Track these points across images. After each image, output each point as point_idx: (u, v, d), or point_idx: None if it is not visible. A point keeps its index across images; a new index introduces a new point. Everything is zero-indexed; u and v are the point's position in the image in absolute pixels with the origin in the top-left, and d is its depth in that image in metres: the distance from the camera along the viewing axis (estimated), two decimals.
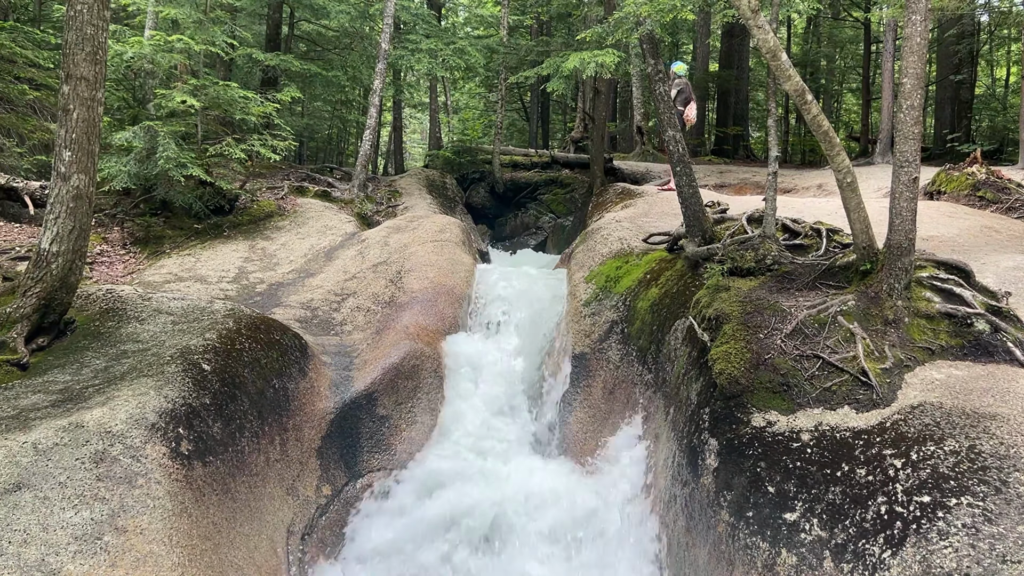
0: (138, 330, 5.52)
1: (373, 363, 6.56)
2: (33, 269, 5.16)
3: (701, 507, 4.48)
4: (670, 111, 7.17)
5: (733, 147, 21.39)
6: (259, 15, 16.14)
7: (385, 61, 13.06)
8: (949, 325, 4.58)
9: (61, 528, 3.57)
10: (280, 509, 5.22)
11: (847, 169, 5.14)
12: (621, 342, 7.00)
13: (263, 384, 5.48)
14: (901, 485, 3.48)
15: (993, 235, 7.51)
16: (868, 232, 5.16)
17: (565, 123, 27.33)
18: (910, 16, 4.70)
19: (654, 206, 10.30)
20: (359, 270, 8.50)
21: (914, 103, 4.70)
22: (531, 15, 21.60)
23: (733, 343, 4.88)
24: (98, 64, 5.14)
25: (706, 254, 6.57)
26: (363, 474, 6.13)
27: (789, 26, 24.26)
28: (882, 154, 15.71)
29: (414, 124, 35.02)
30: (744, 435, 4.35)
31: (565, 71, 11.35)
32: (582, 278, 8.11)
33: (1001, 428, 3.59)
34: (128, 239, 9.10)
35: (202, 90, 9.45)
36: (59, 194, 5.11)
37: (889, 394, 4.17)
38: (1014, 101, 20.77)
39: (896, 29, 16.30)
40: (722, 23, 20.56)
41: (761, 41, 5.18)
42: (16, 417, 4.22)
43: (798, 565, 3.61)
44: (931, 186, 10.49)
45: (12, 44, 9.25)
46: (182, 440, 4.44)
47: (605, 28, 7.82)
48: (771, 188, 6.22)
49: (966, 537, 3.07)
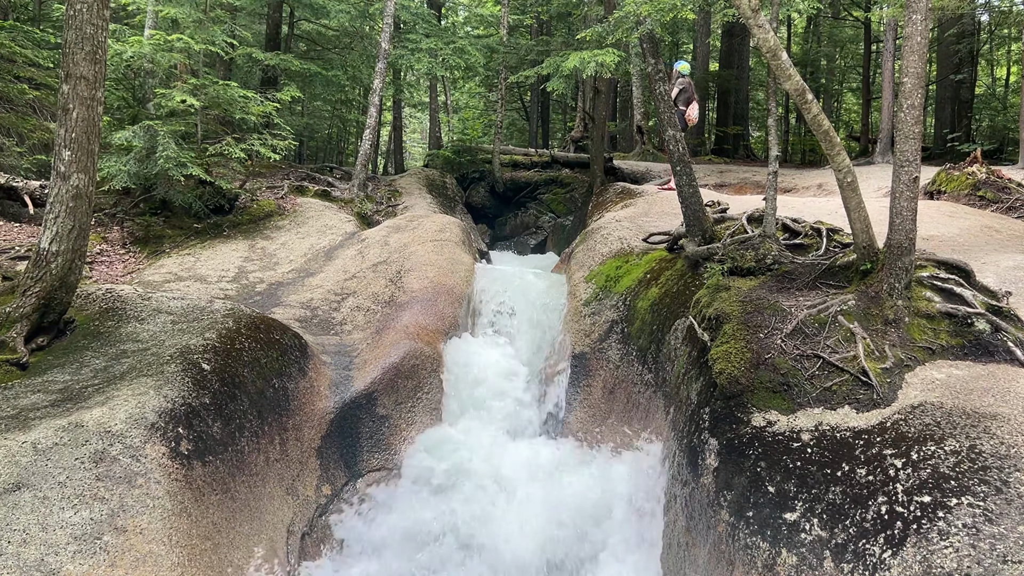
0: (138, 330, 5.52)
1: (373, 363, 6.56)
2: (33, 268, 5.16)
3: (701, 507, 4.47)
4: (670, 110, 7.16)
5: (733, 147, 21.39)
6: (259, 14, 16.12)
7: (385, 60, 13.05)
8: (950, 325, 4.57)
9: (60, 528, 3.57)
10: (280, 509, 5.21)
11: (847, 168, 5.14)
12: (621, 342, 7.00)
13: (263, 384, 5.47)
14: (901, 485, 3.47)
15: (993, 235, 7.51)
16: (868, 232, 5.15)
17: (565, 123, 27.32)
18: (910, 15, 4.69)
19: (654, 206, 10.29)
20: (359, 270, 8.50)
21: (914, 102, 4.69)
22: (531, 14, 21.59)
23: (733, 343, 4.88)
24: (98, 63, 5.13)
25: (706, 254, 6.56)
26: (363, 474, 6.13)
27: (789, 25, 24.24)
28: (882, 154, 15.71)
29: (414, 124, 35.02)
30: (744, 435, 4.34)
31: (565, 70, 11.34)
32: (582, 278, 8.11)
33: (1002, 428, 3.58)
34: (128, 238, 9.10)
35: (202, 89, 9.44)
36: (59, 193, 5.10)
37: (889, 394, 4.17)
38: (1014, 101, 20.76)
39: (896, 28, 16.29)
40: (722, 22, 20.56)
41: (761, 40, 5.17)
42: (16, 417, 4.21)
43: (798, 565, 3.60)
44: (931, 186, 10.48)
45: (12, 43, 9.25)
46: (182, 440, 4.43)
47: (605, 27, 7.82)
48: (771, 187, 6.21)
49: (967, 537, 3.06)
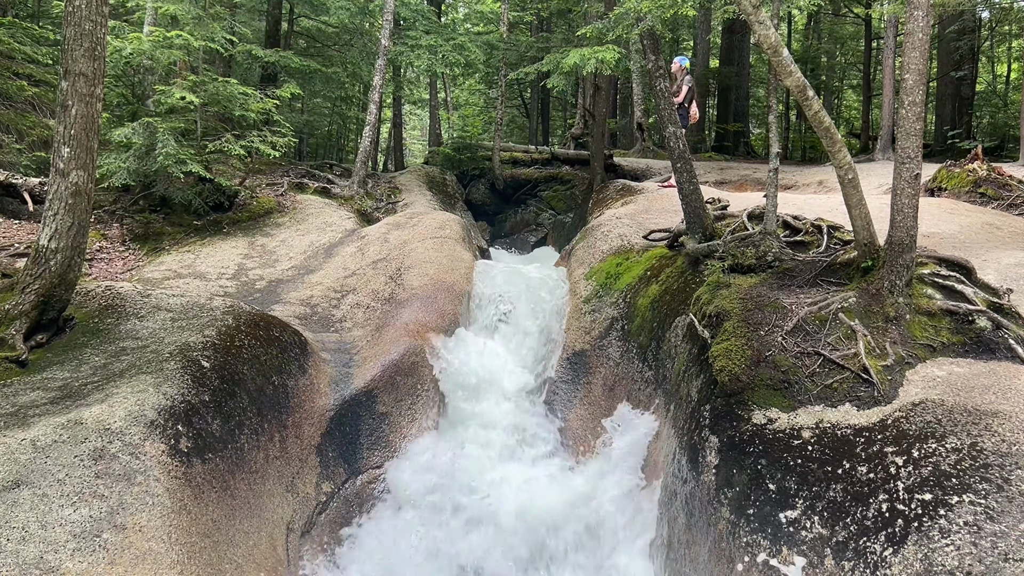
0: (137, 327, 5.51)
1: (373, 360, 6.55)
2: (32, 266, 5.15)
3: (702, 504, 4.47)
4: (671, 107, 7.14)
5: (734, 144, 21.37)
6: (258, 11, 16.10)
7: (385, 57, 13.02)
8: (950, 322, 4.56)
9: (60, 525, 3.56)
10: (280, 506, 5.21)
11: (848, 165, 5.12)
12: (621, 339, 6.99)
13: (262, 381, 5.46)
14: (902, 483, 3.47)
15: (994, 232, 7.49)
16: (869, 229, 5.14)
17: (565, 120, 27.28)
18: (912, 12, 4.68)
19: (654, 203, 10.28)
20: (359, 267, 8.49)
21: (915, 99, 4.68)
22: (531, 11, 21.54)
23: (734, 340, 4.87)
24: (97, 60, 5.11)
25: (707, 251, 6.55)
26: (363, 471, 6.13)
27: (790, 22, 24.21)
28: (883, 151, 15.70)
29: (414, 121, 34.99)
30: (745, 432, 4.34)
31: (565, 67, 11.32)
32: (582, 275, 8.10)
33: (1003, 425, 3.58)
34: (127, 236, 9.08)
35: (201, 86, 9.42)
36: (58, 190, 5.09)
37: (890, 391, 4.16)
38: (1015, 98, 20.74)
39: (897, 25, 16.26)
40: (723, 19, 20.51)
41: (762, 37, 5.16)
42: (15, 414, 4.20)
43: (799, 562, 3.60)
44: (932, 183, 10.47)
45: (11, 40, 9.23)
46: (181, 437, 4.42)
47: (605, 24, 7.79)
48: (772, 185, 6.20)
49: (968, 535, 3.06)
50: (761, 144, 22.40)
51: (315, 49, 16.79)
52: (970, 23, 18.27)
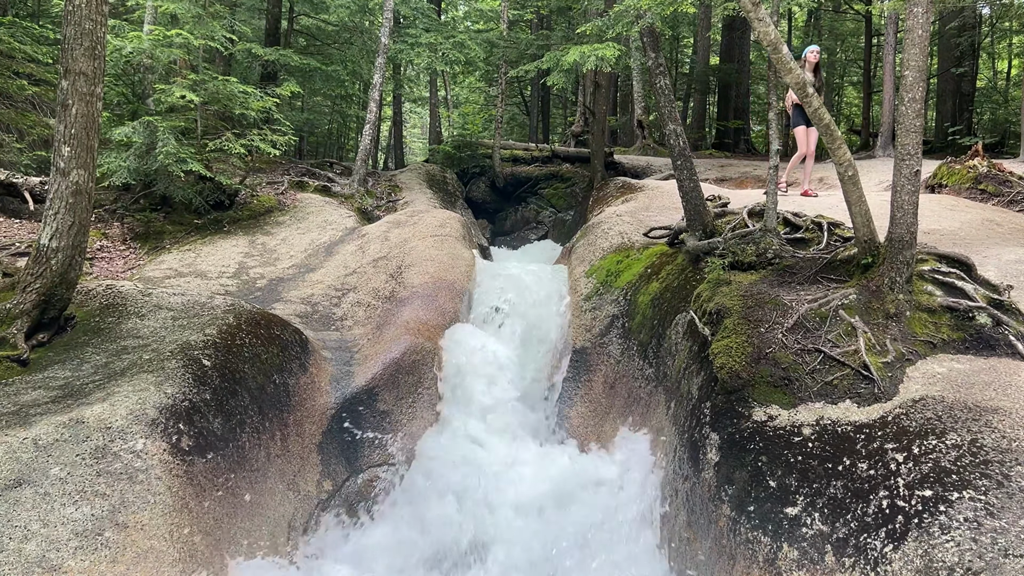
0: (138, 326, 5.51)
1: (374, 358, 6.56)
2: (33, 265, 5.16)
3: (702, 501, 4.47)
4: (671, 105, 7.14)
5: (734, 141, 21.34)
6: (258, 10, 16.08)
7: (385, 55, 13.02)
8: (951, 319, 4.56)
9: (62, 524, 3.57)
10: (281, 504, 5.22)
11: (848, 162, 5.12)
12: (622, 336, 6.99)
13: (264, 379, 5.47)
14: (903, 479, 3.47)
15: (995, 228, 7.49)
16: (869, 225, 5.14)
17: (565, 117, 27.24)
18: (912, 8, 4.67)
19: (655, 200, 10.28)
20: (359, 265, 8.49)
21: (916, 96, 4.67)
22: (531, 9, 21.51)
23: (734, 337, 4.87)
24: (97, 59, 5.11)
25: (707, 248, 6.55)
26: (364, 469, 6.13)
27: (790, 19, 24.16)
28: (883, 147, 15.67)
29: (414, 119, 34.97)
30: (745, 429, 4.34)
31: (565, 65, 11.29)
32: (583, 272, 8.10)
33: (1003, 422, 3.58)
34: (128, 235, 9.09)
35: (201, 85, 9.42)
36: (58, 190, 5.09)
37: (891, 388, 4.16)
38: (1015, 94, 20.70)
39: (897, 22, 16.23)
40: (723, 16, 20.47)
41: (762, 34, 5.15)
42: (16, 413, 4.21)
43: (800, 559, 3.60)
44: (932, 179, 10.45)
45: (11, 39, 9.22)
46: (182, 436, 4.43)
47: (605, 21, 7.79)
48: (772, 182, 6.20)
49: (968, 531, 3.06)
50: (761, 141, 22.37)
51: (315, 47, 16.78)
52: (971, 19, 18.23)
